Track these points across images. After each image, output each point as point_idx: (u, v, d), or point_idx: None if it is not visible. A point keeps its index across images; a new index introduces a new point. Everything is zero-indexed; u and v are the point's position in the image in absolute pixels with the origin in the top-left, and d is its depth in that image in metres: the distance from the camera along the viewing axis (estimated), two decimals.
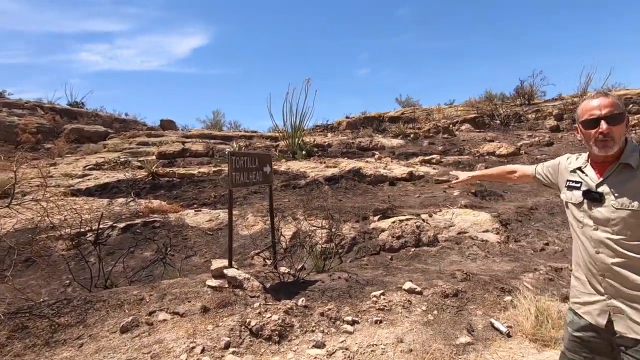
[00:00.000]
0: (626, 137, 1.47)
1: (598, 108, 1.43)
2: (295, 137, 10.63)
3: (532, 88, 16.10)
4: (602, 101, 1.44)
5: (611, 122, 1.40)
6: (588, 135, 1.47)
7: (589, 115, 1.45)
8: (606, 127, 1.40)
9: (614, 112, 1.41)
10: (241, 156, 3.88)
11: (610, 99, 1.44)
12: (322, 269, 4.31)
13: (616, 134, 1.41)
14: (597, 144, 1.44)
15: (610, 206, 1.41)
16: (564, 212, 5.40)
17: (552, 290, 3.67)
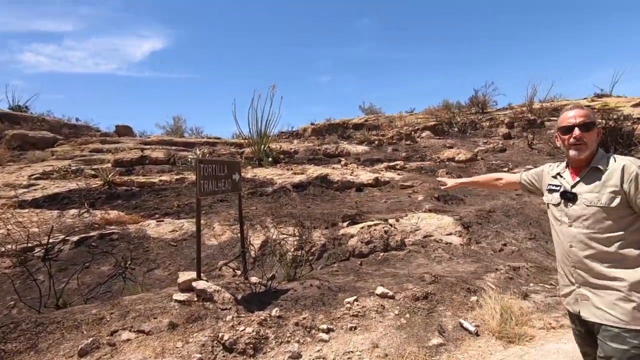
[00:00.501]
0: (597, 145, 1.68)
1: (573, 117, 1.66)
2: (262, 144, 10.50)
3: (485, 98, 17.18)
4: (577, 112, 1.67)
5: (583, 129, 1.63)
6: (564, 140, 1.69)
7: (566, 123, 1.68)
8: (579, 133, 1.63)
9: (586, 121, 1.63)
10: (209, 163, 3.76)
11: (584, 111, 1.67)
12: (293, 277, 4.26)
13: (588, 139, 1.63)
14: (571, 147, 1.66)
15: (582, 204, 1.60)
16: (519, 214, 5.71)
17: (513, 288, 3.88)
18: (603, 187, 1.57)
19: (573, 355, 2.61)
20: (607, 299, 1.53)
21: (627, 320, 1.48)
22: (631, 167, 1.52)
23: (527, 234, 5.76)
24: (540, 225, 5.98)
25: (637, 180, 1.50)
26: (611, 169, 1.57)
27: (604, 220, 1.55)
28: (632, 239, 1.52)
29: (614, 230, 1.53)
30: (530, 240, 5.61)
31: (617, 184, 1.53)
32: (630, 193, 1.51)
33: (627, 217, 1.53)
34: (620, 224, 1.53)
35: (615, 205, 1.53)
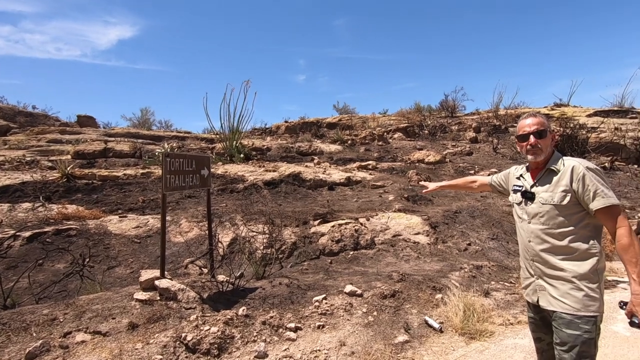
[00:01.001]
0: (553, 148, 1.83)
1: (528, 126, 1.81)
2: (233, 140, 10.28)
3: (454, 102, 17.76)
4: (532, 120, 1.82)
5: (537, 136, 1.78)
6: (522, 146, 1.84)
7: (522, 132, 1.83)
8: (534, 140, 1.78)
9: (539, 129, 1.78)
10: (177, 158, 3.62)
11: (538, 119, 1.82)
12: (262, 276, 4.20)
13: (542, 145, 1.78)
14: (528, 152, 1.81)
15: (538, 202, 1.75)
16: (483, 215, 5.92)
17: (475, 286, 4.02)
18: (556, 187, 1.71)
19: (529, 349, 2.74)
20: (561, 289, 1.66)
21: (578, 308, 1.61)
22: (579, 167, 1.67)
23: (490, 234, 6.01)
24: (502, 226, 6.26)
25: (583, 179, 1.64)
26: (563, 170, 1.71)
27: (557, 216, 1.69)
28: (582, 234, 1.66)
29: (566, 225, 1.67)
30: (493, 240, 5.85)
31: (567, 184, 1.67)
32: (579, 191, 1.65)
33: (577, 213, 1.67)
34: (571, 220, 1.67)
35: (566, 203, 1.67)
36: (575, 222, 1.67)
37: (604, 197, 1.60)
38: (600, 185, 1.62)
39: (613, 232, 1.60)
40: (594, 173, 1.65)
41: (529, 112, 1.95)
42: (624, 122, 13.06)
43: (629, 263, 1.55)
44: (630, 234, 1.56)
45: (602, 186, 1.62)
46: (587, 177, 1.64)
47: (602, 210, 1.60)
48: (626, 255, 1.56)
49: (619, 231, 1.58)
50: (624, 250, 1.56)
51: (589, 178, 1.63)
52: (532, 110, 2.19)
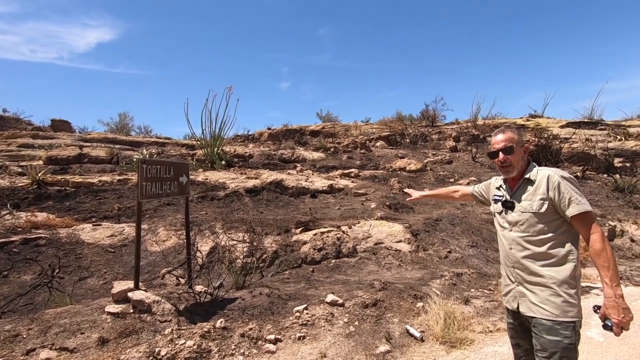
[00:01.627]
0: (529, 158, 1.88)
1: (497, 143, 1.87)
2: (215, 146, 10.13)
3: (435, 112, 18.13)
4: (500, 137, 1.87)
5: (506, 153, 1.83)
6: (495, 162, 1.90)
7: (492, 149, 1.89)
8: (503, 157, 1.84)
9: (507, 145, 1.83)
10: (154, 164, 3.51)
11: (506, 135, 1.86)
12: (242, 286, 4.10)
13: (512, 160, 1.83)
14: (500, 169, 1.88)
15: (518, 211, 1.80)
16: (463, 223, 6.00)
17: (456, 294, 4.05)
18: (534, 196, 1.76)
19: (508, 357, 2.76)
20: (540, 295, 1.70)
21: (557, 314, 1.65)
22: (554, 176, 1.72)
23: (470, 242, 6.10)
24: (481, 234, 6.37)
25: (559, 187, 1.69)
26: (539, 179, 1.77)
27: (536, 224, 1.73)
28: (560, 240, 1.71)
29: (545, 232, 1.72)
30: (472, 248, 5.94)
31: (544, 192, 1.73)
32: (555, 199, 1.70)
33: (555, 220, 1.72)
34: (550, 227, 1.72)
35: (544, 210, 1.72)
36: (553, 229, 1.72)
37: (578, 204, 1.65)
38: (574, 193, 1.67)
39: (587, 237, 1.65)
40: (568, 181, 1.71)
41: (502, 127, 2.01)
42: (594, 134, 13.66)
43: (602, 267, 1.59)
44: (603, 239, 1.61)
45: (576, 194, 1.67)
46: (562, 185, 1.69)
47: (577, 217, 1.65)
48: (599, 259, 1.60)
49: (592, 237, 1.63)
50: (597, 255, 1.61)
51: (564, 186, 1.69)
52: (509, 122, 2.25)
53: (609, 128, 14.54)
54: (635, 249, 6.36)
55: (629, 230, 6.75)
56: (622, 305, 1.54)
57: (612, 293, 1.55)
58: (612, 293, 1.55)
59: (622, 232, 6.70)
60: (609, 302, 1.56)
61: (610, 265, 1.57)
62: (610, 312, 1.55)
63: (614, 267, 1.58)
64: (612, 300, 1.55)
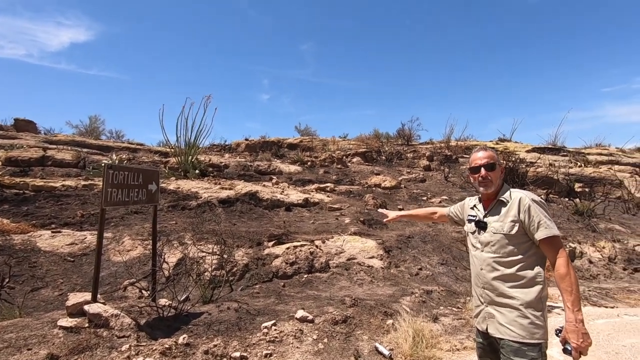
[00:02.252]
0: (502, 180, 1.94)
1: (480, 159, 1.91)
2: (189, 155, 9.90)
3: (410, 131, 18.65)
4: (482, 154, 1.92)
5: (488, 169, 1.88)
6: (474, 178, 1.94)
7: (474, 164, 1.93)
8: (484, 173, 1.88)
9: (490, 162, 1.89)
10: (121, 170, 3.37)
11: (488, 153, 1.93)
12: (209, 300, 3.95)
13: (492, 177, 1.88)
14: (480, 184, 1.90)
15: (490, 232, 1.83)
16: (434, 240, 6.10)
17: (425, 311, 4.08)
18: (506, 217, 1.80)
19: None
20: (508, 316, 1.72)
21: (524, 335, 1.67)
22: (525, 199, 1.77)
23: (440, 259, 6.20)
24: (451, 252, 6.50)
25: (529, 211, 1.74)
26: (511, 202, 1.81)
27: (507, 245, 1.77)
28: (529, 262, 1.75)
29: (515, 254, 1.75)
30: (442, 265, 6.04)
31: (515, 214, 1.77)
32: (525, 222, 1.74)
33: (524, 243, 1.76)
34: (520, 249, 1.75)
35: (514, 232, 1.76)
36: (523, 251, 1.75)
37: (546, 228, 1.70)
38: (543, 217, 1.72)
39: (553, 261, 1.69)
40: (538, 205, 1.76)
41: (481, 145, 2.07)
42: (557, 159, 14.45)
43: (565, 292, 1.64)
44: (568, 264, 1.66)
45: (545, 218, 1.72)
46: (532, 208, 1.74)
47: (545, 240, 1.70)
48: (563, 284, 1.65)
49: (558, 261, 1.68)
50: (561, 279, 1.65)
51: (534, 209, 1.74)
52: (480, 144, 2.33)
53: (571, 155, 15.45)
54: (593, 270, 6.68)
55: (588, 252, 7.09)
56: (582, 331, 1.58)
57: (574, 318, 1.59)
58: (573, 318, 1.59)
59: (581, 254, 7.03)
60: (569, 327, 1.59)
61: (573, 290, 1.61)
62: (570, 336, 1.59)
63: (576, 291, 1.62)
64: (573, 325, 1.58)
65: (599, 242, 7.39)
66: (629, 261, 6.99)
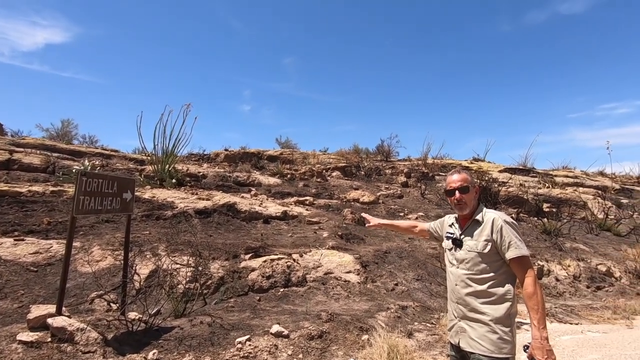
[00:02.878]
0: (478, 200, 2.03)
1: (454, 182, 2.00)
2: (166, 163, 9.69)
3: (389, 148, 19.04)
4: (457, 177, 2.01)
5: (462, 192, 1.97)
6: (449, 200, 2.03)
7: (449, 187, 2.02)
8: (459, 195, 1.97)
9: (463, 185, 1.98)
10: (95, 178, 3.28)
11: (462, 175, 2.02)
12: (182, 313, 3.84)
13: (467, 199, 1.97)
14: (455, 206, 2.00)
15: (465, 249, 1.91)
16: (410, 256, 6.20)
17: (400, 327, 4.11)
18: (480, 236, 1.89)
19: None
20: (479, 331, 1.80)
21: (493, 350, 1.75)
22: (498, 220, 1.87)
23: (416, 275, 6.29)
24: (427, 268, 6.61)
25: (501, 231, 1.84)
26: (485, 221, 1.91)
27: (480, 263, 1.85)
28: (500, 280, 1.83)
29: (487, 272, 1.84)
30: (418, 281, 6.13)
31: (488, 234, 1.86)
32: (497, 241, 1.84)
33: (496, 261, 1.85)
34: (492, 267, 1.84)
35: (487, 251, 1.85)
36: (495, 269, 1.84)
37: (516, 248, 1.79)
38: (514, 237, 1.82)
39: (522, 279, 1.78)
40: (510, 226, 1.86)
41: (456, 166, 2.18)
42: (527, 180, 15.10)
43: (532, 310, 1.72)
44: (535, 283, 1.75)
45: (515, 238, 1.82)
46: (504, 229, 1.83)
47: (514, 260, 1.79)
48: (530, 302, 1.73)
49: (526, 280, 1.76)
50: (528, 297, 1.74)
51: (506, 230, 1.83)
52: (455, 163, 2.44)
53: (540, 176, 16.18)
54: (560, 287, 6.96)
55: (555, 270, 7.39)
56: (547, 347, 1.66)
57: (539, 335, 1.67)
58: (538, 335, 1.67)
59: (549, 272, 7.31)
60: (535, 343, 1.68)
61: (539, 308, 1.70)
62: (535, 352, 1.67)
63: (542, 310, 1.71)
64: (538, 342, 1.67)
65: (565, 261, 7.73)
66: (592, 279, 7.33)
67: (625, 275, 7.63)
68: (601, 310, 5.94)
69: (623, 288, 7.18)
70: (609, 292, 6.99)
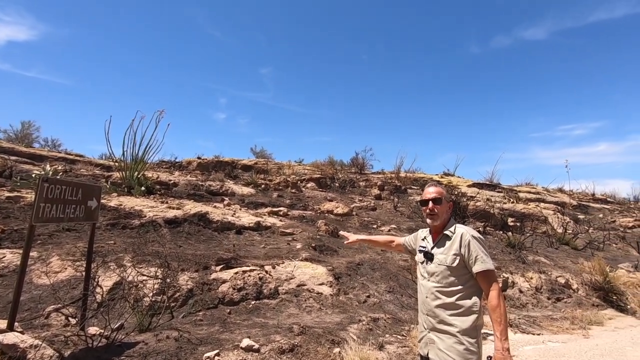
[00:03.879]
0: (450, 215, 2.12)
1: (429, 193, 2.11)
2: (136, 170, 9.35)
3: (364, 160, 19.36)
4: (432, 189, 2.12)
5: (435, 203, 2.07)
6: (423, 210, 2.13)
7: (424, 197, 2.13)
8: (432, 206, 2.07)
9: (437, 197, 2.09)
10: (58, 184, 3.12)
11: (437, 189, 2.13)
12: (147, 328, 3.67)
13: (439, 211, 2.07)
14: (427, 217, 2.10)
15: (435, 263, 1.99)
16: (382, 268, 6.28)
17: (371, 339, 4.13)
18: (449, 250, 1.97)
19: None
20: (446, 342, 1.86)
21: None
22: (466, 235, 1.96)
23: (388, 287, 6.36)
24: (398, 280, 6.70)
25: (469, 246, 1.92)
26: (454, 236, 1.99)
27: (449, 276, 1.93)
28: (467, 293, 1.91)
29: (455, 285, 1.91)
30: (389, 293, 6.19)
31: (457, 248, 1.94)
32: (465, 256, 1.92)
33: (464, 275, 1.93)
34: (460, 280, 1.92)
35: (455, 265, 1.93)
36: (462, 282, 1.91)
37: (482, 263, 1.88)
38: (481, 252, 1.91)
39: (487, 293, 1.87)
40: (477, 241, 1.95)
41: (430, 179, 2.28)
42: (494, 195, 15.77)
43: (495, 322, 1.80)
44: (499, 296, 1.84)
45: (482, 253, 1.90)
46: (471, 244, 1.92)
47: (480, 274, 1.88)
48: (494, 314, 1.81)
49: (491, 293, 1.85)
50: (492, 310, 1.82)
51: (473, 245, 1.92)
52: (427, 177, 2.55)
53: (505, 191, 16.95)
54: (523, 299, 7.25)
55: (518, 282, 7.70)
56: (508, 358, 1.74)
57: (501, 346, 1.76)
58: (501, 346, 1.76)
59: (513, 284, 7.61)
60: (497, 355, 1.76)
61: (502, 321, 1.79)
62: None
63: (505, 322, 1.80)
64: (500, 353, 1.75)
65: (528, 273, 8.08)
66: (552, 291, 7.69)
67: (582, 287, 8.06)
68: (560, 320, 6.24)
69: (580, 299, 7.58)
70: (568, 303, 7.36)
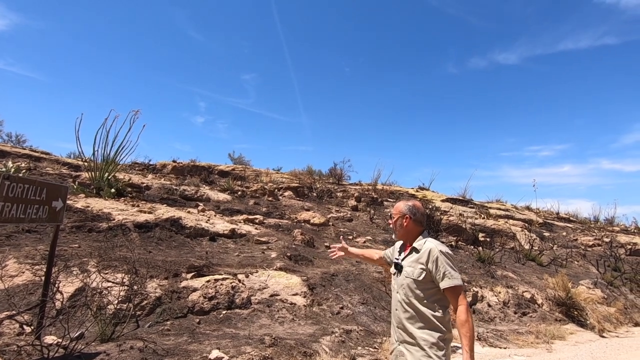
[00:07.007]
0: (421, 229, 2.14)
1: (394, 209, 2.21)
2: (106, 171, 8.98)
3: (342, 171, 19.49)
4: (396, 205, 2.22)
5: (392, 219, 2.19)
6: (389, 224, 2.22)
7: (391, 213, 2.21)
8: (390, 221, 2.21)
9: (393, 214, 2.20)
10: (20, 182, 2.94)
11: (397, 205, 2.22)
12: (110, 337, 3.49)
13: (393, 226, 2.18)
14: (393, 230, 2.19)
15: (403, 275, 2.03)
16: (356, 279, 6.30)
17: (344, 352, 4.10)
18: (416, 264, 2.00)
19: None
20: (415, 355, 1.88)
21: None
22: (435, 250, 1.99)
23: (361, 299, 6.36)
24: (372, 292, 6.72)
25: (437, 261, 1.96)
26: (423, 250, 2.02)
27: (415, 289, 1.96)
28: (435, 306, 1.95)
29: (422, 298, 1.95)
30: (363, 305, 6.20)
31: (424, 262, 1.98)
32: (432, 271, 1.96)
33: (431, 289, 1.96)
34: (426, 293, 1.95)
35: (421, 278, 1.96)
36: (429, 296, 1.95)
37: (450, 279, 1.91)
38: (449, 268, 1.94)
39: (455, 308, 1.91)
40: (446, 257, 1.98)
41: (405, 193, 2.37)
42: (466, 210, 16.24)
43: (464, 336, 1.84)
44: (467, 311, 1.88)
45: (450, 269, 1.94)
46: (439, 259, 1.95)
47: (448, 290, 1.91)
48: (462, 329, 1.85)
49: (459, 308, 1.89)
50: (461, 325, 1.86)
51: (441, 261, 1.95)
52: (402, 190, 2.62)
53: (476, 207, 17.50)
54: (491, 313, 7.44)
55: (487, 296, 7.91)
56: None
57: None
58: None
59: (482, 298, 7.80)
60: None
61: (470, 335, 1.83)
62: None
63: (472, 337, 1.84)
64: None
65: (496, 288, 8.31)
66: (518, 305, 7.94)
67: (546, 302, 8.38)
68: (526, 334, 6.43)
69: (544, 314, 7.87)
70: (533, 317, 7.61)
